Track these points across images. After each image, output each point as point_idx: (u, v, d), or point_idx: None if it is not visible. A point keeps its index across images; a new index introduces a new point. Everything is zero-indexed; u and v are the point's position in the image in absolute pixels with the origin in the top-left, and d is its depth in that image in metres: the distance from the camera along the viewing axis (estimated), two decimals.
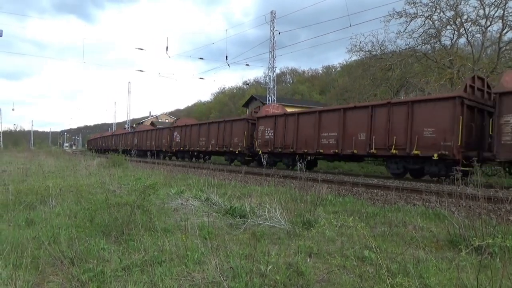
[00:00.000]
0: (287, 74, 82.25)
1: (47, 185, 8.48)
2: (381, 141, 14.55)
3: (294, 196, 8.21)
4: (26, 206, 6.99)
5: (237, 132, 23.22)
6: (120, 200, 5.92)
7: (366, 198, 9.46)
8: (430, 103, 13.24)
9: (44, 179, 11.25)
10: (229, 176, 14.20)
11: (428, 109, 13.22)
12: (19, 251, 4.24)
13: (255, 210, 6.48)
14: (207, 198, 7.81)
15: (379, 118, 14.75)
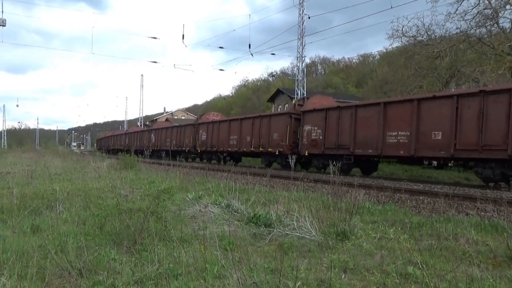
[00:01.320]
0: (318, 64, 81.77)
1: (53, 188, 8.75)
2: (469, 140, 13.15)
3: (327, 203, 8.15)
4: (32, 211, 7.24)
5: (278, 129, 21.58)
6: (132, 206, 6.03)
7: (410, 206, 9.28)
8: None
9: (50, 182, 11.61)
10: (253, 180, 14.24)
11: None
12: (24, 260, 4.39)
13: (282, 219, 6.46)
14: (228, 205, 7.86)
15: (467, 110, 13.24)
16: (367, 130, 16.69)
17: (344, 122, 17.91)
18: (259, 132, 23.25)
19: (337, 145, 18.19)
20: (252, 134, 23.79)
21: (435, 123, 14.24)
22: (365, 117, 16.97)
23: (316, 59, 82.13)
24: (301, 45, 32.94)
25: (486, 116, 12.86)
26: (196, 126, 30.77)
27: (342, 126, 17.98)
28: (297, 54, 33.65)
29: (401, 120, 15.39)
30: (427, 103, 14.66)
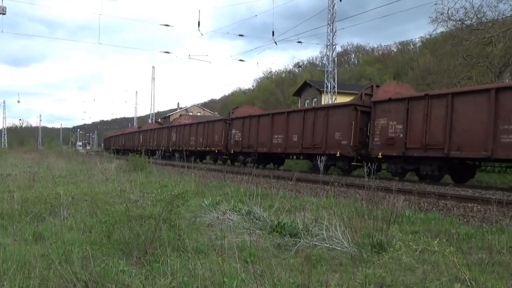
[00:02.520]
0: (351, 53, 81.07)
1: (57, 192, 8.93)
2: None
3: (361, 211, 8.08)
4: (34, 217, 7.42)
5: (338, 125, 19.82)
6: (142, 212, 6.11)
7: (457, 214, 9.13)
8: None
9: (54, 185, 11.87)
10: (276, 183, 14.24)
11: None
12: (26, 271, 4.50)
13: (310, 228, 6.44)
14: (249, 212, 7.87)
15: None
16: (470, 125, 14.42)
17: (434, 115, 15.61)
18: (312, 129, 21.27)
19: (425, 145, 15.92)
20: (303, 130, 21.78)
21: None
22: (467, 108, 14.58)
23: (349, 47, 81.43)
24: (331, 31, 32.76)
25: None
26: (228, 122, 28.36)
27: (432, 120, 15.71)
28: (326, 42, 33.51)
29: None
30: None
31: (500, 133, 13.47)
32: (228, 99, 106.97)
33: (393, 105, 17.42)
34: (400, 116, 16.97)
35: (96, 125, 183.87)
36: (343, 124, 19.59)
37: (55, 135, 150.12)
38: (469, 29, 26.86)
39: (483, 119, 14.02)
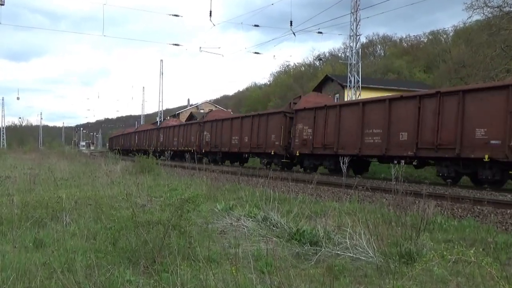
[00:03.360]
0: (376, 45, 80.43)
1: (59, 196, 9.04)
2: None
3: (387, 217, 8.02)
4: (34, 222, 7.52)
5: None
6: (150, 218, 6.15)
7: (495, 221, 8.99)
8: None
9: (55, 188, 12.01)
10: (295, 187, 14.21)
11: None
12: (26, 280, 4.57)
13: (332, 236, 6.41)
14: (265, 218, 7.87)
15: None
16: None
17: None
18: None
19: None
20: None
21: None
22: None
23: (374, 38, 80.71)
24: (354, 21, 32.58)
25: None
26: (288, 115, 25.34)
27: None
28: (350, 33, 33.32)
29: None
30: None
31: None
32: (242, 95, 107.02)
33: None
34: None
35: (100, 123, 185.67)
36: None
37: (57, 134, 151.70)
38: (509, 17, 26.45)
39: (354, 125, 19.97)
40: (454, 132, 15.91)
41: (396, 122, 18.30)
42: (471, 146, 15.34)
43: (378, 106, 19.42)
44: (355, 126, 20.24)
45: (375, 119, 19.41)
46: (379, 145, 18.97)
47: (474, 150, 15.24)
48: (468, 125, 15.50)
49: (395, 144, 18.28)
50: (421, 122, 17.20)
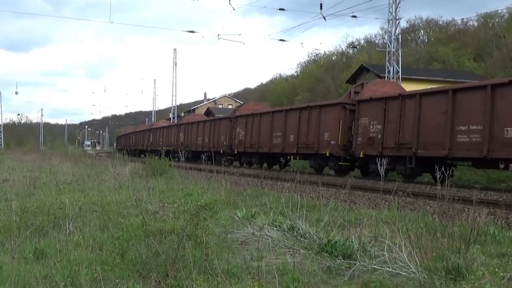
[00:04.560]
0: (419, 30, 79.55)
1: (62, 201, 9.17)
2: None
3: (432, 227, 7.93)
4: (35, 231, 7.64)
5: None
6: (163, 227, 6.19)
7: None
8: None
9: (58, 193, 12.18)
10: (326, 192, 14.16)
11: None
12: None
13: (368, 248, 6.37)
14: (292, 227, 7.86)
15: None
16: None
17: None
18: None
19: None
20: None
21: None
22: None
23: (416, 22, 79.87)
24: (394, 3, 32.31)
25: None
26: (347, 107, 23.81)
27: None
28: (388, 16, 33.10)
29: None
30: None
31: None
32: (266, 88, 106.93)
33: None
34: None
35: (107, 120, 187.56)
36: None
37: (59, 132, 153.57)
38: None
39: (440, 119, 18.05)
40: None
41: (504, 115, 16.23)
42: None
43: (476, 95, 17.29)
44: (441, 120, 18.20)
45: (470, 111, 17.25)
46: (477, 144, 16.80)
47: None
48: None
49: (500, 143, 16.23)
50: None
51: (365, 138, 21.68)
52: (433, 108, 18.73)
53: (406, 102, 20.05)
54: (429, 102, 19.10)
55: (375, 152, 20.71)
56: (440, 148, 17.98)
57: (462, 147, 17.30)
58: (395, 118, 20.21)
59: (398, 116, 20.13)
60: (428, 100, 19.17)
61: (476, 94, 17.28)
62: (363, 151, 21.60)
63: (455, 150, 17.47)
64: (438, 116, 18.26)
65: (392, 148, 20.21)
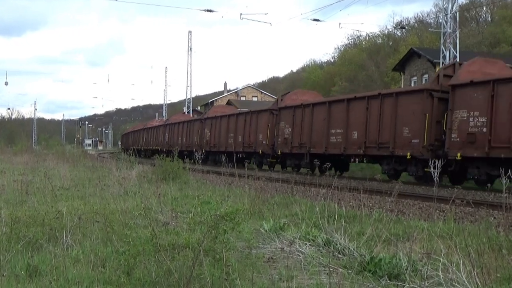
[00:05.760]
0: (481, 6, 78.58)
1: (58, 210, 9.26)
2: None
3: (496, 242, 7.83)
4: (27, 244, 7.73)
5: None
6: (175, 240, 6.21)
7: None
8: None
9: (54, 200, 12.32)
10: (369, 200, 14.08)
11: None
12: None
13: (419, 266, 6.32)
14: (328, 241, 7.84)
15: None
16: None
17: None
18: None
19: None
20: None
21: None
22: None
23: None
24: None
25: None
26: (435, 95, 22.20)
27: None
28: None
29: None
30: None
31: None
32: (296, 77, 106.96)
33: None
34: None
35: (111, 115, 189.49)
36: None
37: (56, 130, 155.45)
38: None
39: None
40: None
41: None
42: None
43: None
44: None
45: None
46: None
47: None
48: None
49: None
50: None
51: (464, 135, 19.99)
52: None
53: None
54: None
55: (477, 153, 19.39)
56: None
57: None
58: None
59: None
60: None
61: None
62: (461, 152, 19.75)
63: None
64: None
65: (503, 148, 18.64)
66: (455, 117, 20.07)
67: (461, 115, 19.82)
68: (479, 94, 19.31)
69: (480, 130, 18.97)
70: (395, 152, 22.62)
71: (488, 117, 18.65)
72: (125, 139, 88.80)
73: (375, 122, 23.82)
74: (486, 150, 18.54)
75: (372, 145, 24.03)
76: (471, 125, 19.28)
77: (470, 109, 19.41)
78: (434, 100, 21.31)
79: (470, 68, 21.01)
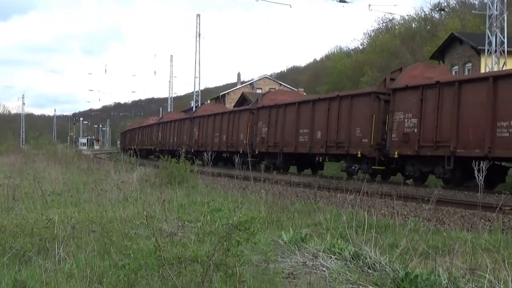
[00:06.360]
0: None
1: (49, 218, 9.31)
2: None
3: None
4: (14, 256, 7.77)
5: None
6: (182, 253, 6.22)
7: None
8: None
9: (44, 207, 12.38)
10: (403, 208, 14.01)
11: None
12: None
13: (461, 284, 6.29)
14: (356, 254, 7.81)
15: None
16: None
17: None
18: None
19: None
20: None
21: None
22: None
23: None
24: None
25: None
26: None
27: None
28: None
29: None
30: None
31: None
32: (320, 67, 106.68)
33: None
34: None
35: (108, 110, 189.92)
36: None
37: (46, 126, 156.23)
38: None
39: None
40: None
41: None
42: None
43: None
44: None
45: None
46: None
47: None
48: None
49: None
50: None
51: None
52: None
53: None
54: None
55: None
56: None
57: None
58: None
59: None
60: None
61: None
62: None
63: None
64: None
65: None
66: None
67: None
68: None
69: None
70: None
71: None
72: (124, 138, 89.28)
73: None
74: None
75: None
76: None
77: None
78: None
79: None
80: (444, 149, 21.97)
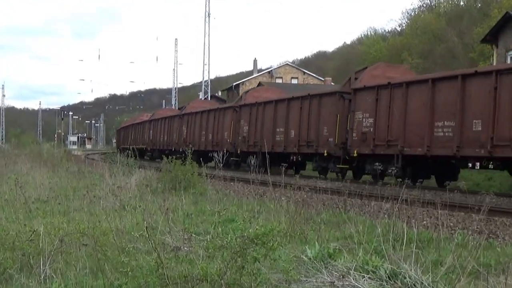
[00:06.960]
0: None
1: (34, 230, 9.34)
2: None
3: None
4: None
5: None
6: (189, 271, 6.23)
7: None
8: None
9: (27, 216, 12.43)
10: (449, 219, 13.97)
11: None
12: None
13: None
14: (394, 273, 7.80)
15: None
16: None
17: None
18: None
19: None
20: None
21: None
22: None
23: None
24: None
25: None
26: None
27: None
28: None
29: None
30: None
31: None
32: (350, 52, 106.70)
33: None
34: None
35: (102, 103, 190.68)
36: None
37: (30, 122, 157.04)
38: None
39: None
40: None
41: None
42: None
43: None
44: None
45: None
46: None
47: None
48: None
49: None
50: None
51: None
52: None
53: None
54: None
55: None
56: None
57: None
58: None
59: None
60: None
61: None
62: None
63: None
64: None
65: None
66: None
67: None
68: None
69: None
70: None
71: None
72: (122, 135, 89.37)
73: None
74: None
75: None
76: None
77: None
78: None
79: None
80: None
